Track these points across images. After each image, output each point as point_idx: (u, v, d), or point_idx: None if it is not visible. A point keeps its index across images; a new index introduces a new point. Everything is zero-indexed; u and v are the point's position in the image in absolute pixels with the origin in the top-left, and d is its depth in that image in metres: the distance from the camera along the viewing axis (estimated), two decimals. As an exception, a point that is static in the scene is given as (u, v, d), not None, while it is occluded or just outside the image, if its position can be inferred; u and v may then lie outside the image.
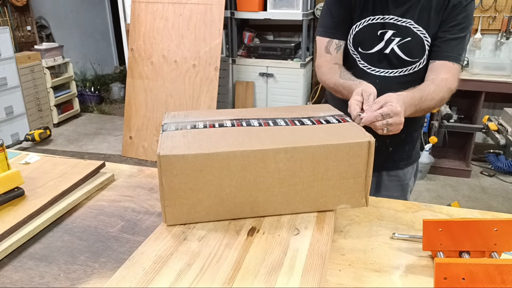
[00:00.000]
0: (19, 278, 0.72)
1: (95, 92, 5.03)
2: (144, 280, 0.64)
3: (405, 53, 1.14)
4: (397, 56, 1.15)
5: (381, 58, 1.18)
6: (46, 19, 4.80)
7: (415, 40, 1.13)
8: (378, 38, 1.16)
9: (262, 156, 0.77)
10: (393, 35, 1.14)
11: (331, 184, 0.81)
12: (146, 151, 3.52)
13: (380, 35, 1.16)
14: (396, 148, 1.30)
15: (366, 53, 1.19)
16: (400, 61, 1.16)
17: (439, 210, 0.95)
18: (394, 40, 1.14)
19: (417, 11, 1.12)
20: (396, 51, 1.15)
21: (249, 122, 0.89)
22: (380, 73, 1.19)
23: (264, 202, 0.81)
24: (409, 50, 1.14)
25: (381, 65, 1.19)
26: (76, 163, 1.08)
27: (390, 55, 1.16)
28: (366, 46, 1.19)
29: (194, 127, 0.87)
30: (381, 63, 1.18)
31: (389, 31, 1.15)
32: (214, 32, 3.23)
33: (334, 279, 0.72)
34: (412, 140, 1.34)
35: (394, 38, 1.14)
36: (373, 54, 1.18)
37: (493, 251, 0.73)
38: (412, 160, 1.38)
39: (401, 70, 1.17)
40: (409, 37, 1.13)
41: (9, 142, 3.68)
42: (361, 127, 0.86)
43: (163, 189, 0.76)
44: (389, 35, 1.15)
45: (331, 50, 1.24)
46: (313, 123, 0.89)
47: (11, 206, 0.88)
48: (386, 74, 1.19)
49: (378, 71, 1.19)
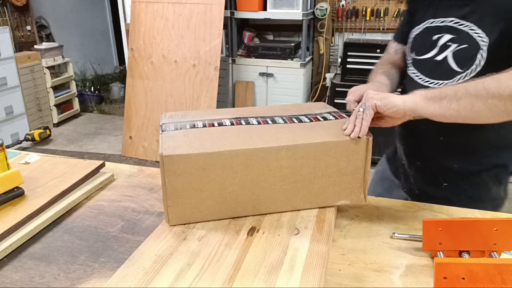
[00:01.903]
0: (19, 278, 0.72)
1: (95, 92, 5.03)
2: (144, 280, 0.64)
3: (456, 62, 0.95)
4: (447, 66, 0.97)
5: (431, 65, 1.01)
6: (46, 19, 4.80)
7: (471, 48, 0.92)
8: (432, 43, 1.01)
9: (264, 154, 0.77)
10: (450, 41, 0.97)
11: (331, 180, 0.82)
12: (146, 151, 3.52)
13: (436, 40, 1.00)
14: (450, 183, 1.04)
15: (417, 59, 1.05)
16: (448, 71, 0.97)
17: (439, 210, 0.95)
18: (450, 47, 0.97)
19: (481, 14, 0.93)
20: (448, 59, 0.97)
21: (248, 121, 0.90)
22: (425, 82, 1.02)
23: (266, 199, 0.81)
24: (462, 59, 0.95)
25: (430, 74, 1.02)
26: (76, 163, 1.08)
27: (441, 63, 0.98)
28: (419, 51, 1.05)
29: (193, 127, 0.87)
30: (430, 72, 1.02)
31: (446, 35, 0.98)
32: (214, 32, 3.23)
33: (334, 279, 0.72)
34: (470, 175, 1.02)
35: (450, 44, 0.97)
36: (424, 61, 1.03)
37: (493, 250, 0.73)
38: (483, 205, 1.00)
39: (447, 82, 0.97)
40: (466, 44, 0.93)
41: (9, 142, 3.68)
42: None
43: (166, 189, 0.76)
44: (444, 41, 0.98)
45: (390, 50, 1.21)
46: (311, 120, 0.90)
47: (11, 206, 0.88)
48: (430, 85, 1.01)
49: (425, 80, 1.02)
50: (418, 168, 1.09)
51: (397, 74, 1.14)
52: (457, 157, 1.01)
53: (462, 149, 1.00)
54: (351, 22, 3.74)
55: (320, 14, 3.74)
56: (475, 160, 1.00)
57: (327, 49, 3.92)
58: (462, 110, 0.76)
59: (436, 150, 1.03)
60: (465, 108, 0.75)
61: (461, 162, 1.01)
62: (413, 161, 1.10)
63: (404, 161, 1.13)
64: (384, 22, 3.62)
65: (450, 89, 0.78)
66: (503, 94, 0.73)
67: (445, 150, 1.02)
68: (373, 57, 3.21)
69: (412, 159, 1.10)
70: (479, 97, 0.74)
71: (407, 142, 1.12)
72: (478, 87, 0.75)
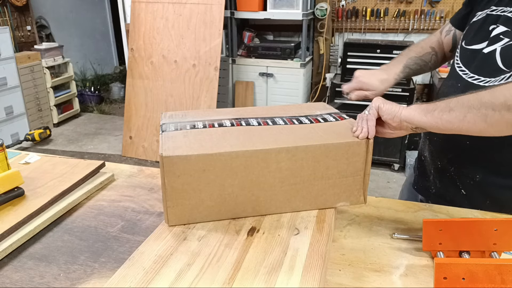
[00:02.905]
0: (19, 278, 0.72)
1: (95, 92, 5.03)
2: (144, 280, 0.64)
3: (503, 59, 0.87)
4: (493, 61, 0.89)
5: (476, 58, 0.93)
6: (46, 19, 4.80)
7: None
8: (485, 33, 0.92)
9: (264, 155, 0.77)
10: (504, 34, 0.88)
11: (331, 182, 0.82)
12: (146, 151, 3.52)
13: (490, 30, 0.91)
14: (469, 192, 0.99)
15: (465, 47, 0.97)
16: (493, 67, 0.89)
17: (439, 210, 0.95)
18: (502, 40, 0.88)
19: None
20: (496, 54, 0.88)
21: (248, 122, 0.89)
22: (466, 75, 0.94)
23: (266, 201, 0.81)
24: (510, 57, 0.86)
25: (472, 67, 0.94)
26: (76, 163, 1.08)
27: (487, 56, 0.90)
28: (469, 40, 0.96)
29: (193, 127, 0.87)
30: (473, 65, 0.94)
31: (501, 27, 0.88)
32: (214, 32, 3.23)
33: (334, 279, 0.72)
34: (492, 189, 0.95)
35: (503, 37, 0.88)
36: (471, 51, 0.95)
37: (493, 251, 0.73)
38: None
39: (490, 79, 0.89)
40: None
41: (9, 142, 3.68)
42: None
43: (165, 190, 0.76)
44: (498, 32, 0.89)
45: (443, 31, 1.14)
46: (311, 122, 0.90)
47: (11, 206, 0.88)
48: (471, 79, 0.93)
49: (466, 72, 0.95)
50: (438, 168, 1.04)
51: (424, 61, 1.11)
52: (481, 167, 0.95)
53: (488, 161, 0.93)
54: (351, 22, 3.74)
55: (320, 14, 3.74)
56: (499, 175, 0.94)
57: (327, 49, 3.92)
58: (454, 120, 0.74)
59: (460, 155, 0.97)
60: (456, 118, 0.74)
61: (484, 173, 0.95)
62: (434, 159, 1.04)
63: (424, 157, 1.09)
64: (384, 22, 3.63)
65: (445, 100, 0.76)
66: (495, 103, 0.70)
67: (469, 157, 0.95)
68: (373, 57, 3.21)
69: (434, 157, 1.05)
70: (472, 108, 0.72)
71: (432, 138, 1.05)
72: (471, 98, 0.73)
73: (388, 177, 3.30)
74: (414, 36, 3.61)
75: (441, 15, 3.42)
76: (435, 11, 3.43)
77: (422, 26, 3.49)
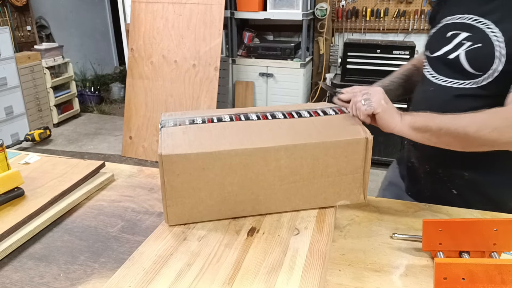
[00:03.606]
0: (19, 278, 0.72)
1: (95, 92, 5.02)
2: (144, 280, 0.64)
3: (470, 63, 0.92)
4: (459, 65, 0.94)
5: (443, 63, 0.99)
6: (46, 19, 4.80)
7: (486, 48, 0.89)
8: (447, 40, 0.98)
9: (264, 154, 0.77)
10: (465, 39, 0.94)
11: (330, 180, 0.82)
12: (146, 151, 3.52)
13: (451, 36, 0.97)
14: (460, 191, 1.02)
15: (430, 56, 1.03)
16: (461, 71, 0.94)
17: (439, 210, 0.95)
18: (464, 45, 0.94)
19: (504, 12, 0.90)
20: (461, 58, 0.94)
21: (248, 116, 0.89)
22: (437, 80, 1.00)
23: (265, 199, 0.81)
24: (476, 60, 0.92)
25: (442, 71, 0.99)
26: (76, 163, 1.08)
27: (453, 62, 0.96)
28: (433, 48, 1.03)
29: (192, 122, 0.86)
30: (442, 70, 0.99)
31: (462, 33, 0.95)
32: (214, 32, 3.23)
33: (334, 279, 0.72)
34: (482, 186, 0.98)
35: (464, 42, 0.94)
36: (436, 58, 1.01)
37: (493, 251, 0.73)
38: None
39: (462, 82, 0.94)
40: (481, 43, 0.90)
41: (9, 142, 3.68)
42: (358, 121, 0.86)
43: (165, 189, 0.76)
44: (460, 39, 0.95)
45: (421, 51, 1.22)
46: (311, 115, 0.89)
47: (11, 206, 0.88)
48: (442, 82, 0.98)
49: (436, 77, 1.00)
50: (427, 172, 1.06)
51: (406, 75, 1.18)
52: (468, 166, 0.97)
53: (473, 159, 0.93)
54: (351, 23, 3.74)
55: (320, 14, 3.74)
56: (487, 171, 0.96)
57: (327, 50, 3.92)
58: (440, 144, 0.85)
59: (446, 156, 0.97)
60: (442, 143, 0.85)
61: (471, 172, 0.97)
62: (423, 164, 1.06)
63: (411, 163, 1.10)
64: (384, 22, 3.62)
65: (436, 123, 0.83)
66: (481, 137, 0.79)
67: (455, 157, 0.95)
68: (373, 57, 3.21)
69: (421, 161, 1.06)
70: (457, 138, 0.82)
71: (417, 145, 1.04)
72: (459, 130, 0.80)
73: (388, 177, 3.29)
74: (414, 36, 3.60)
75: (441, 15, 3.42)
76: (435, 11, 3.43)
77: (422, 26, 3.49)
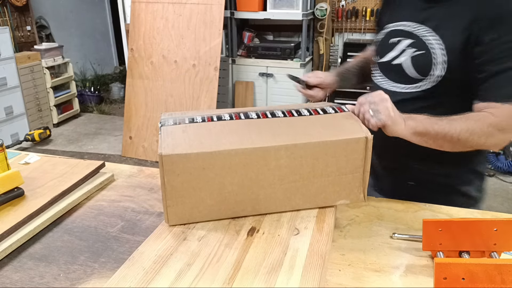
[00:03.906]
0: (19, 278, 0.72)
1: (95, 92, 5.02)
2: (144, 280, 0.64)
3: (416, 67, 0.99)
4: (403, 70, 1.01)
5: (390, 68, 1.06)
6: (46, 19, 4.80)
7: (429, 54, 0.95)
8: (392, 46, 1.04)
9: (264, 153, 0.77)
10: (410, 45, 1.00)
11: (330, 179, 0.82)
12: (146, 151, 3.52)
13: (396, 43, 1.03)
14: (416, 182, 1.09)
15: (379, 62, 1.10)
16: (405, 76, 1.01)
17: (439, 210, 0.95)
18: (408, 52, 1.00)
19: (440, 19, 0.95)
20: (403, 64, 1.01)
21: (247, 114, 0.89)
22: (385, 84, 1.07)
23: (266, 199, 0.81)
24: (418, 66, 0.98)
25: (389, 76, 1.06)
26: (76, 163, 1.08)
27: (398, 67, 1.02)
28: (381, 54, 1.09)
29: (192, 121, 0.86)
30: (389, 74, 1.06)
31: (406, 40, 1.01)
32: (214, 32, 3.23)
33: (334, 279, 0.72)
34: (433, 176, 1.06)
35: (408, 48, 1.00)
36: (384, 63, 1.08)
37: (493, 251, 0.73)
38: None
39: (407, 86, 1.02)
40: (423, 50, 0.96)
41: (9, 142, 3.68)
42: (358, 120, 0.86)
43: (165, 188, 0.76)
44: (404, 45, 1.01)
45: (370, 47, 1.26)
46: (311, 113, 0.90)
47: (11, 206, 0.88)
48: (390, 87, 1.06)
49: (384, 81, 1.08)
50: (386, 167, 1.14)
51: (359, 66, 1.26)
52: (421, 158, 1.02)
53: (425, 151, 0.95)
54: (351, 23, 3.74)
55: (320, 14, 3.74)
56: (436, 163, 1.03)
57: (327, 49, 3.92)
58: (434, 146, 0.91)
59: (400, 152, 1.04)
60: (436, 146, 0.91)
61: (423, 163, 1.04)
62: (381, 161, 1.13)
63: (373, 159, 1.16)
64: (384, 22, 3.62)
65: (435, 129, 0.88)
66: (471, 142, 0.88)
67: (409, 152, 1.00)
68: (373, 57, 3.21)
69: (380, 159, 1.12)
70: (451, 142, 0.89)
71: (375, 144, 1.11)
72: (454, 136, 0.87)
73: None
74: (414, 36, 3.60)
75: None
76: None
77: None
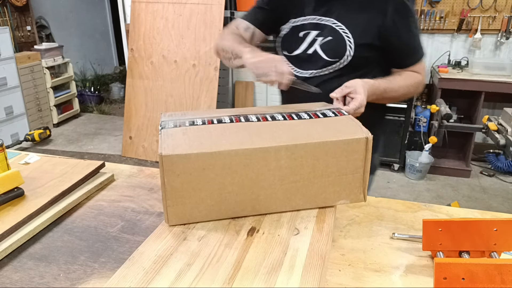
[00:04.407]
0: (19, 278, 0.72)
1: (95, 92, 5.03)
2: (144, 280, 0.64)
3: (326, 53, 1.13)
4: (318, 57, 1.15)
5: (303, 59, 1.17)
6: (46, 19, 4.80)
7: (336, 39, 1.11)
8: (301, 39, 1.17)
9: (264, 154, 0.77)
10: (317, 36, 1.14)
11: (330, 180, 0.82)
12: (146, 151, 3.52)
13: (303, 36, 1.16)
14: None
15: (289, 55, 1.20)
16: (320, 61, 1.15)
17: (439, 210, 0.95)
18: (317, 41, 1.14)
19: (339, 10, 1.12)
20: (318, 51, 1.14)
21: (248, 118, 0.89)
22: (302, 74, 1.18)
23: (266, 199, 0.81)
24: (330, 50, 1.13)
25: (304, 66, 1.18)
26: (76, 163, 1.08)
27: (312, 55, 1.15)
28: (290, 49, 1.20)
29: (192, 124, 0.86)
30: (304, 65, 1.18)
31: (313, 31, 1.15)
32: (214, 32, 3.23)
33: (334, 279, 0.72)
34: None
35: (317, 38, 1.14)
36: (296, 57, 1.18)
37: (493, 251, 0.73)
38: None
39: (323, 70, 1.15)
40: (331, 36, 1.12)
41: (9, 142, 3.68)
42: (358, 121, 0.86)
43: (165, 189, 0.76)
44: (312, 36, 1.15)
45: (240, 26, 1.25)
46: (311, 117, 0.90)
47: (11, 206, 0.88)
48: (308, 75, 1.17)
49: (301, 72, 1.18)
50: None
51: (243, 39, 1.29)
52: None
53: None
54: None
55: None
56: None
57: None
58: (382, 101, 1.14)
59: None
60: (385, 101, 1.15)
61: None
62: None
63: None
64: (384, 22, 3.62)
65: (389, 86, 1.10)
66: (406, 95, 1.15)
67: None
68: (373, 57, 3.21)
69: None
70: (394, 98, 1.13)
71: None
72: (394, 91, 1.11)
73: (388, 177, 3.30)
74: (414, 36, 3.60)
75: (441, 15, 3.41)
76: (435, 11, 3.43)
77: (422, 26, 3.49)
